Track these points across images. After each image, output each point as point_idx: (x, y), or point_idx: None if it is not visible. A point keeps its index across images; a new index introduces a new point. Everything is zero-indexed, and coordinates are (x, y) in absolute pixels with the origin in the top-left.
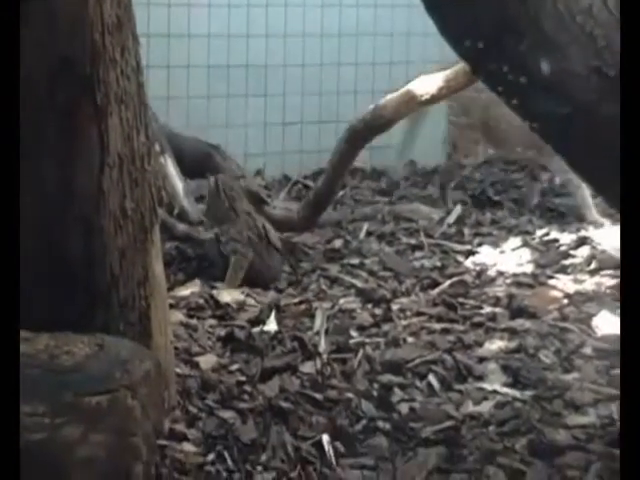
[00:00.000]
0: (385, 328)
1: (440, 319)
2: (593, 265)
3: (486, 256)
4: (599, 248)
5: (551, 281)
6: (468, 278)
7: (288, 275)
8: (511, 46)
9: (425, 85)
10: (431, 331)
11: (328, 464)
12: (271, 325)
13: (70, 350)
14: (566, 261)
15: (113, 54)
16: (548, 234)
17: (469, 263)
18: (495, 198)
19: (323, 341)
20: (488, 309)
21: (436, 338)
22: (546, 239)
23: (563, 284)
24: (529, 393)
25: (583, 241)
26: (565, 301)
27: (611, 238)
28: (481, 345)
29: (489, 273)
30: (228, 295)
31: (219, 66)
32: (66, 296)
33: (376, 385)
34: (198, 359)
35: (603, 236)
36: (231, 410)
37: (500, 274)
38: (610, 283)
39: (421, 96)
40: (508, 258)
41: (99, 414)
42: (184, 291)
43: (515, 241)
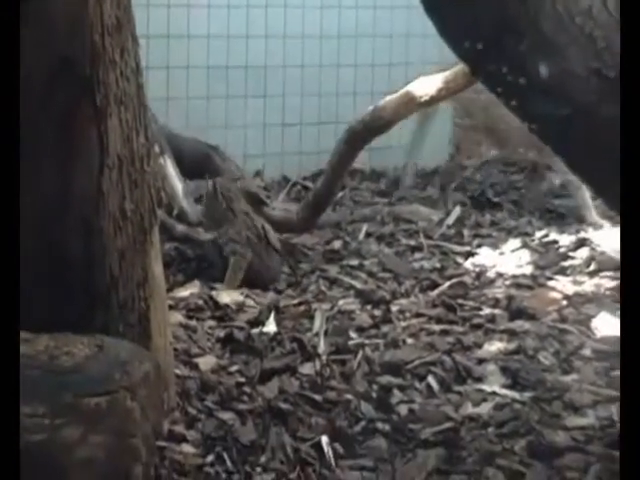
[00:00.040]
0: (384, 329)
1: (439, 320)
2: (592, 267)
3: (485, 257)
4: (598, 250)
5: (550, 282)
6: (467, 279)
7: (287, 276)
8: (511, 47)
9: (424, 86)
10: (430, 332)
11: (327, 465)
12: (270, 326)
13: (70, 351)
14: (565, 263)
15: (113, 55)
16: (547, 236)
17: (468, 264)
18: (495, 199)
19: (322, 342)
20: (487, 310)
21: (435, 339)
22: (545, 240)
23: (562, 286)
24: (528, 394)
25: (582, 243)
26: (564, 302)
27: (610, 240)
28: (480, 346)
29: (488, 274)
30: (227, 296)
31: (218, 67)
32: (66, 297)
33: (375, 386)
34: (197, 360)
35: (602, 238)
36: (230, 411)
37: (499, 275)
38: (609, 285)
39: (420, 97)
40: (507, 259)
41: (98, 415)
42: (183, 292)
43: (514, 242)
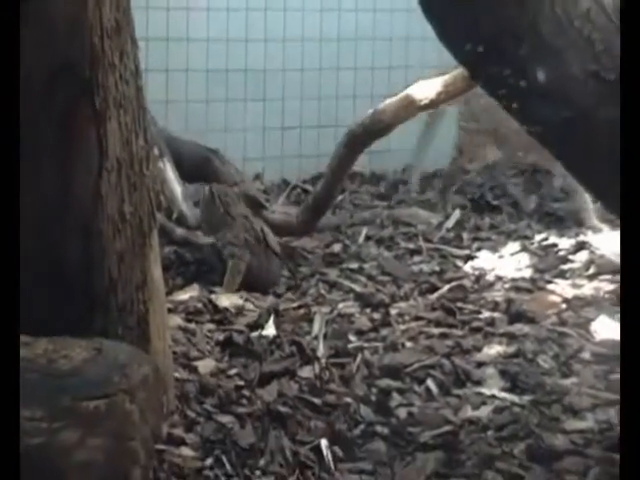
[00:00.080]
0: (384, 333)
1: (439, 324)
2: (592, 270)
3: (485, 261)
4: (598, 253)
5: (550, 286)
6: (467, 283)
7: (287, 279)
8: (511, 50)
9: (424, 90)
10: (429, 336)
11: (326, 469)
12: (270, 330)
13: (68, 354)
14: (565, 266)
15: (112, 58)
16: (547, 239)
17: (468, 268)
18: (494, 203)
19: (322, 346)
20: (487, 314)
21: (434, 343)
22: (545, 244)
23: (562, 289)
24: (527, 398)
25: (582, 246)
26: (563, 306)
27: (610, 243)
28: (479, 350)
29: (488, 278)
30: (227, 299)
31: (218, 70)
32: (64, 300)
33: (374, 390)
34: (196, 363)
35: (602, 241)
36: (229, 414)
37: (499, 279)
38: (609, 288)
39: (420, 101)
40: (507, 263)
41: (97, 418)
42: (183, 295)
43: (514, 246)
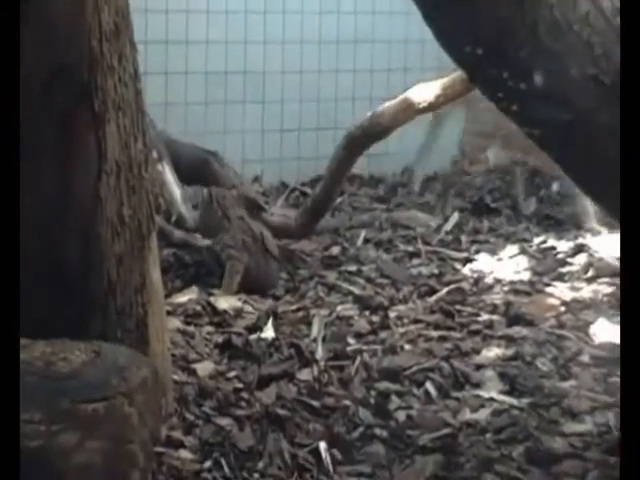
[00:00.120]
0: (382, 335)
1: (437, 326)
2: (590, 273)
3: (483, 264)
4: (596, 256)
5: (548, 289)
6: (465, 286)
7: (285, 282)
8: (510, 52)
9: (423, 92)
10: (428, 338)
11: (325, 472)
12: (268, 332)
13: (67, 357)
14: (563, 269)
15: (111, 61)
16: (545, 242)
17: (466, 270)
18: (493, 205)
19: (320, 348)
20: (485, 316)
21: (433, 345)
22: (543, 247)
23: (560, 292)
24: (526, 401)
25: (580, 249)
26: (562, 309)
27: (608, 246)
28: (478, 353)
29: (486, 281)
30: (225, 302)
31: (217, 72)
32: (63, 303)
33: (373, 392)
34: (195, 366)
35: (600, 244)
36: (228, 417)
37: (497, 282)
38: (607, 291)
39: (419, 104)
40: (505, 266)
41: (96, 421)
42: (181, 298)
43: (512, 249)
